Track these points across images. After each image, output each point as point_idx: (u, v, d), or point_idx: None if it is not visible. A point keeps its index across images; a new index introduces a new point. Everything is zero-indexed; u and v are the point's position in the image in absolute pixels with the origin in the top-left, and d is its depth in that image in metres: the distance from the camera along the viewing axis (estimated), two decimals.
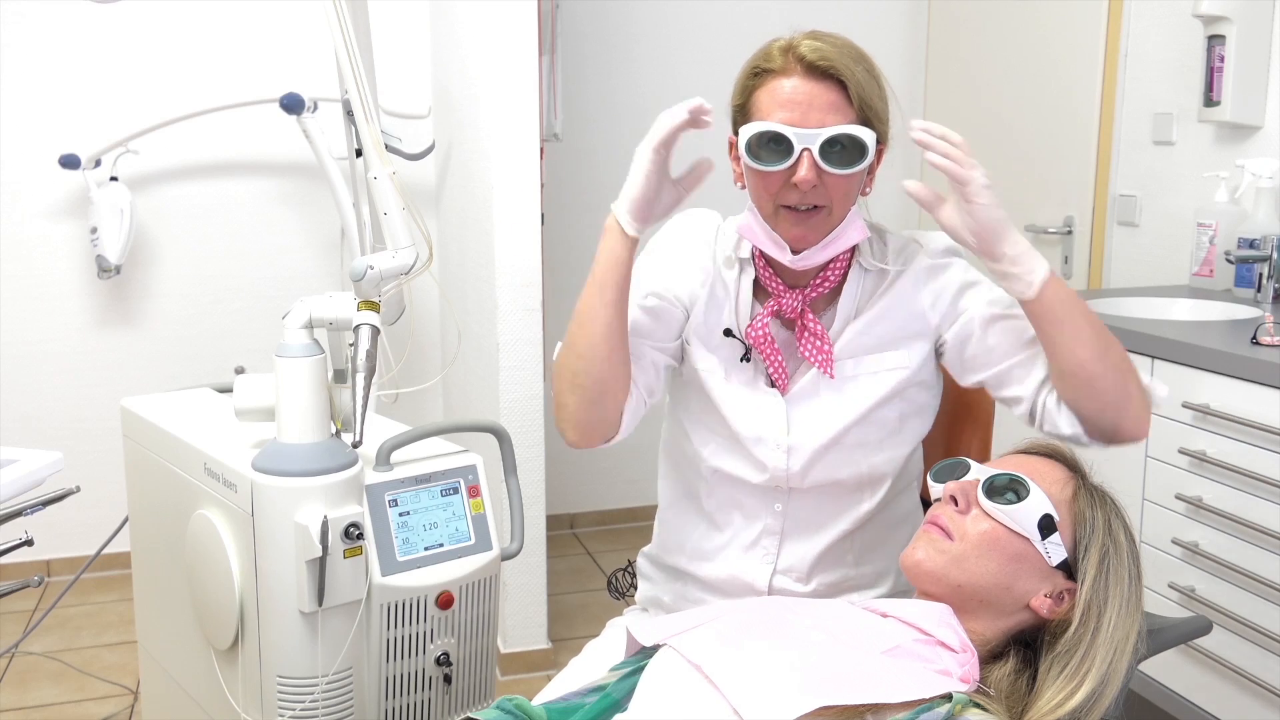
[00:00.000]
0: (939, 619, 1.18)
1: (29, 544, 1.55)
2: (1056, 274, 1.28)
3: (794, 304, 1.39)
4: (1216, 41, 2.56)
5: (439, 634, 1.64)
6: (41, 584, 1.77)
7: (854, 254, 1.42)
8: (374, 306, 1.58)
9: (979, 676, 1.14)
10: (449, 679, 1.66)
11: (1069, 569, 1.20)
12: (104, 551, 2.13)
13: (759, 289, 1.44)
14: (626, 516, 3.74)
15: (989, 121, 3.35)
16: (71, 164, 3.03)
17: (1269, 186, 2.51)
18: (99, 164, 3.07)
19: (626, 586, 1.71)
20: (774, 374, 1.41)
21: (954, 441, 1.64)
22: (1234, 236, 2.54)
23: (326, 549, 1.48)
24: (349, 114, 1.88)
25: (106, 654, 2.85)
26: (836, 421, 1.40)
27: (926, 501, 1.45)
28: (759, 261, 1.43)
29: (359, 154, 1.88)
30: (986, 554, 1.18)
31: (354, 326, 1.56)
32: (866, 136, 1.29)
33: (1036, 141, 3.18)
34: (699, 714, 1.08)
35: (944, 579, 1.19)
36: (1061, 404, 1.31)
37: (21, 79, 3.07)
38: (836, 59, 1.28)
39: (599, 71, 3.51)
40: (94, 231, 3.02)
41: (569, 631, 2.95)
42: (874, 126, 1.31)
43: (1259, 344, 2.06)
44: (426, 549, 1.62)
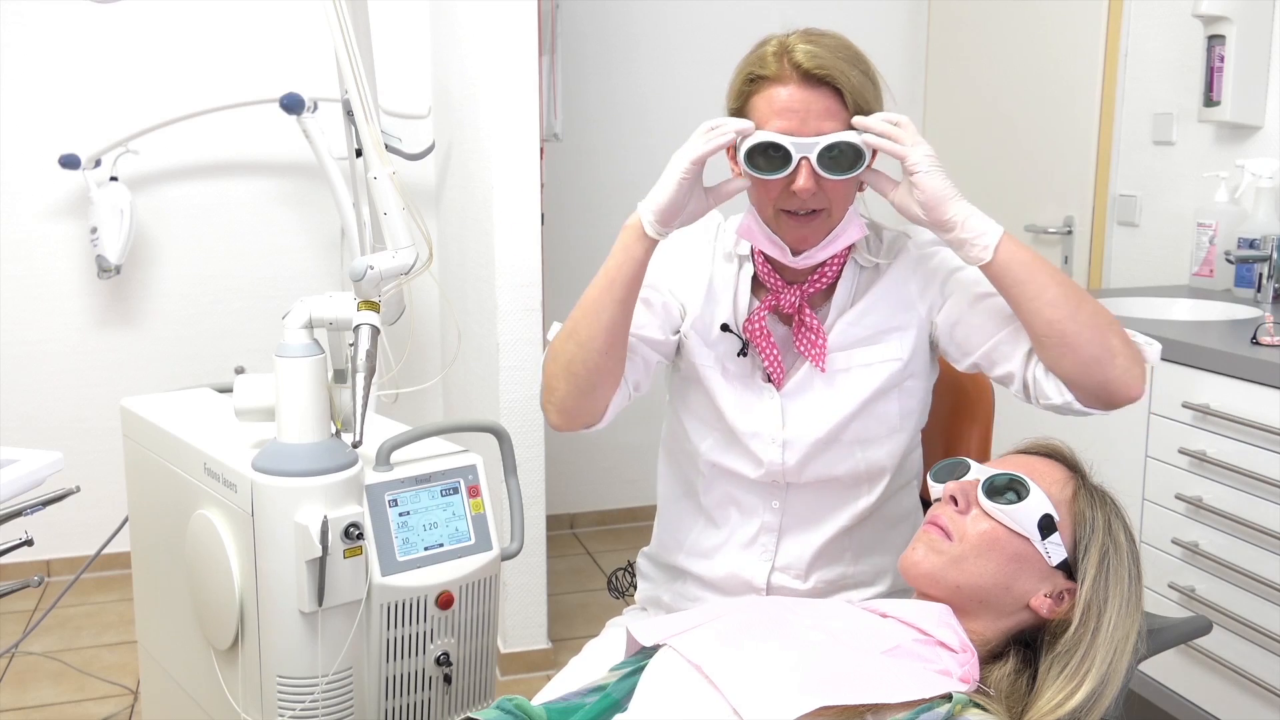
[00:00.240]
0: (939, 619, 1.18)
1: (29, 544, 1.55)
2: (1012, 236, 1.28)
3: (792, 300, 1.41)
4: (1216, 41, 2.56)
5: (439, 634, 1.64)
6: (41, 584, 1.76)
7: (850, 250, 1.43)
8: (374, 306, 1.58)
9: (979, 676, 1.15)
10: (449, 679, 1.66)
11: (1069, 569, 1.20)
12: (104, 551, 2.13)
13: (757, 285, 1.46)
14: (626, 516, 3.73)
15: (989, 122, 3.34)
16: (71, 164, 3.02)
17: (1269, 186, 2.51)
18: (99, 164, 3.07)
19: (626, 586, 1.71)
20: (770, 369, 1.43)
21: (954, 440, 1.64)
22: (1234, 236, 2.54)
23: (326, 549, 1.48)
24: (349, 114, 1.88)
25: (106, 654, 2.85)
26: (831, 416, 1.41)
27: (926, 501, 1.46)
28: (758, 258, 1.44)
29: (359, 154, 1.87)
30: (986, 554, 1.19)
31: (354, 326, 1.56)
32: (862, 142, 1.30)
33: (1036, 141, 3.17)
34: (699, 714, 1.08)
35: (943, 581, 1.19)
36: (1049, 373, 1.31)
37: (21, 79, 3.06)
38: (832, 65, 1.29)
39: (599, 71, 3.51)
40: (94, 231, 3.02)
41: (569, 631, 2.95)
42: None
43: (1259, 344, 2.06)
44: (426, 549, 1.62)
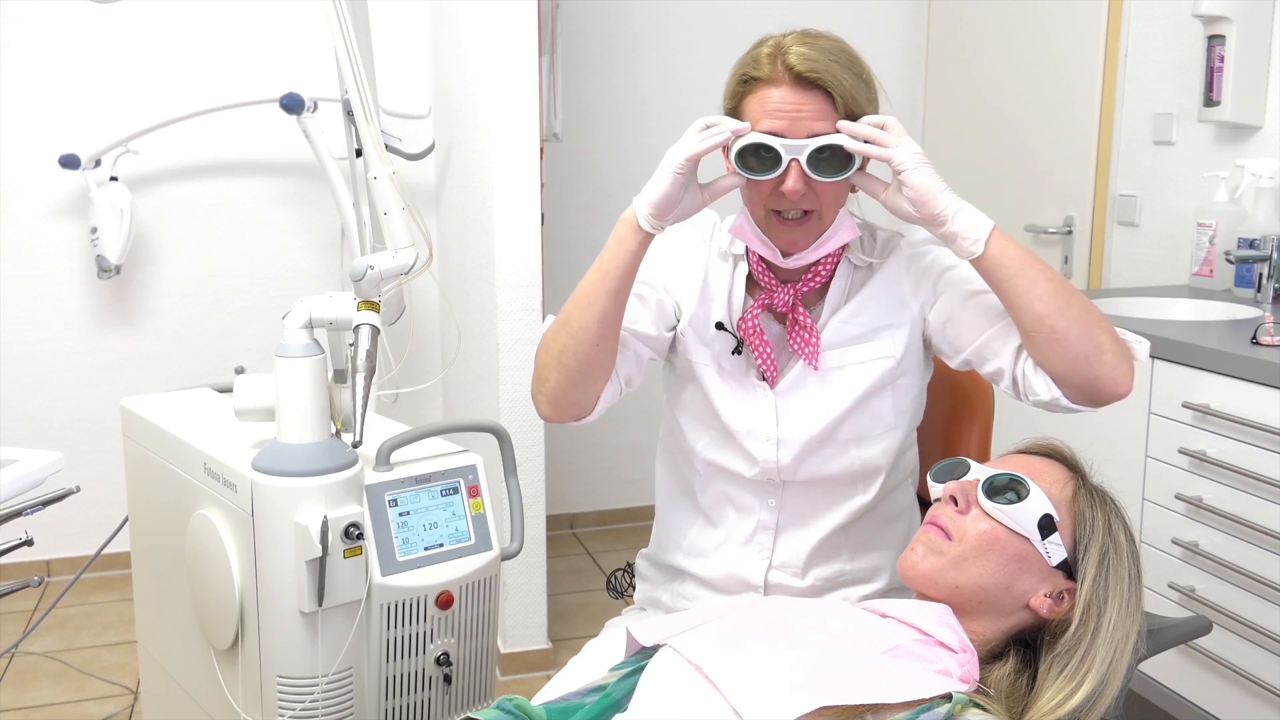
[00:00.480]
0: (938, 619, 1.18)
1: (29, 544, 1.55)
2: (1003, 231, 1.29)
3: (785, 299, 1.42)
4: (1216, 41, 2.56)
5: (439, 634, 1.64)
6: (41, 584, 1.76)
7: (844, 249, 1.44)
8: (374, 306, 1.58)
9: (979, 676, 1.15)
10: (449, 679, 1.66)
11: (1069, 569, 1.20)
12: (104, 551, 2.13)
13: (752, 283, 1.46)
14: (626, 516, 3.73)
15: (989, 122, 3.34)
16: (71, 164, 3.02)
17: (1269, 186, 2.51)
18: (99, 164, 3.07)
19: (625, 586, 1.71)
20: (764, 367, 1.43)
21: (953, 440, 1.64)
22: (1234, 236, 2.54)
23: (326, 549, 1.48)
24: (349, 114, 1.88)
25: (106, 654, 2.85)
26: (825, 414, 1.42)
27: (925, 501, 1.45)
28: (752, 257, 1.45)
29: (359, 154, 1.87)
30: (986, 554, 1.19)
31: (354, 326, 1.56)
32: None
33: (1036, 141, 3.17)
34: (699, 714, 1.08)
35: (942, 581, 1.19)
36: (1038, 369, 1.31)
37: (21, 79, 3.06)
38: (824, 68, 1.30)
39: (599, 71, 3.51)
40: (94, 231, 3.02)
41: (569, 631, 2.95)
42: None
43: (1259, 344, 2.06)
44: (426, 549, 1.62)
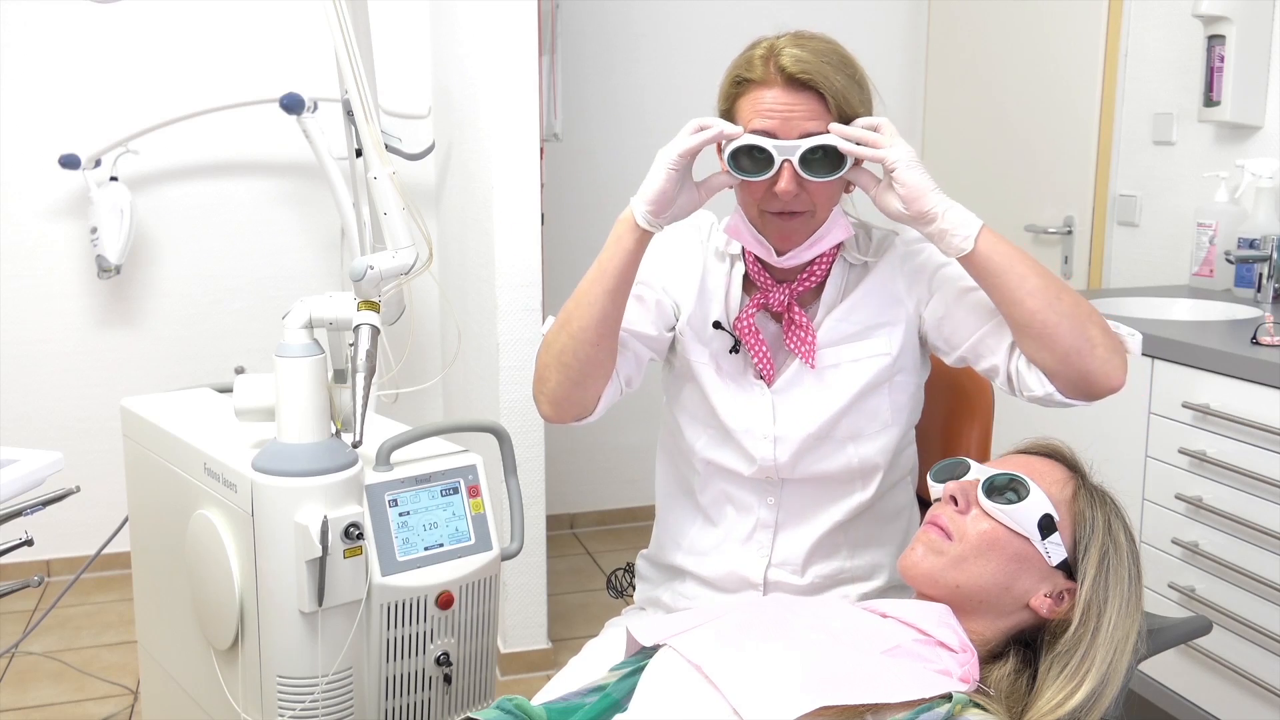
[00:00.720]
0: (938, 619, 1.18)
1: (29, 544, 1.55)
2: (992, 229, 1.29)
3: (781, 298, 1.42)
4: (1216, 41, 2.56)
5: (439, 634, 1.64)
6: (41, 584, 1.76)
7: (839, 248, 1.45)
8: (374, 306, 1.58)
9: (979, 676, 1.15)
10: (449, 679, 1.66)
11: (1069, 569, 1.20)
12: (104, 551, 2.13)
13: (749, 283, 1.47)
14: (626, 516, 3.73)
15: (989, 122, 3.34)
16: (71, 164, 3.02)
17: (1269, 186, 2.51)
18: (99, 164, 3.07)
19: (625, 586, 1.71)
20: (760, 366, 1.44)
21: (953, 440, 1.64)
22: (1234, 236, 2.54)
23: (326, 549, 1.48)
24: (349, 114, 1.88)
25: (106, 654, 2.85)
26: (822, 412, 1.42)
27: (925, 501, 1.46)
28: (748, 257, 1.46)
29: (359, 154, 1.87)
30: (986, 554, 1.19)
31: (354, 326, 1.56)
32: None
33: (1036, 141, 3.17)
34: (699, 714, 1.08)
35: (943, 581, 1.19)
36: (1031, 365, 1.31)
37: (21, 79, 3.06)
38: (816, 69, 1.30)
39: (599, 71, 3.51)
40: (94, 231, 3.02)
41: (569, 631, 2.95)
42: None
43: (1259, 344, 2.06)
44: (426, 549, 1.62)
